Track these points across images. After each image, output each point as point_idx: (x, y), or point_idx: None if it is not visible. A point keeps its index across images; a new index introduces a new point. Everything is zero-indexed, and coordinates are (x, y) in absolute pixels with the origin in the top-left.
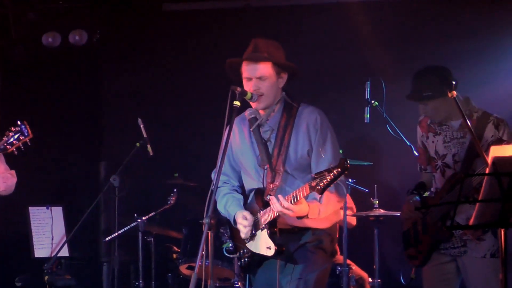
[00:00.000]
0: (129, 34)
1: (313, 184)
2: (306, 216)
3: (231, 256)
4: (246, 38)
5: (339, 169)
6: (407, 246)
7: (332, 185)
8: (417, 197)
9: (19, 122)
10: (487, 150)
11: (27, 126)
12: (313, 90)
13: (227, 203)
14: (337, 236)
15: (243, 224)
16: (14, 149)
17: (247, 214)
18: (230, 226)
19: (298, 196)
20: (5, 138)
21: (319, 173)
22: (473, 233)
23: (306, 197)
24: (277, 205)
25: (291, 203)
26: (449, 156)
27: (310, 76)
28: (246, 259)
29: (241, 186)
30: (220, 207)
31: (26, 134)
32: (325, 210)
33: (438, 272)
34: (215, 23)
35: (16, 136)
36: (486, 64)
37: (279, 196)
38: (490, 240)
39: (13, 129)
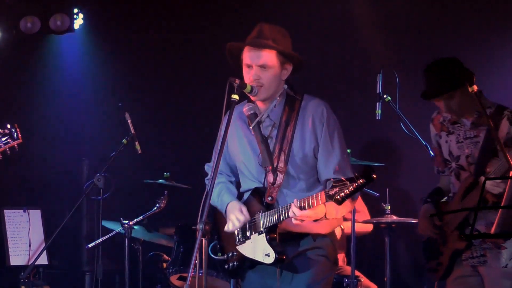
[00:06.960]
0: (115, 19)
1: (331, 193)
2: (324, 217)
3: (216, 257)
4: (248, 25)
5: (363, 180)
6: (428, 258)
7: None
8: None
9: (8, 126)
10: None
11: (18, 130)
12: (318, 82)
13: (221, 191)
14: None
15: (238, 217)
16: None
17: (244, 208)
18: (216, 224)
19: (311, 205)
20: None
21: (338, 181)
22: (494, 241)
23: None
24: (296, 209)
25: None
26: (463, 157)
27: (316, 66)
28: (234, 263)
29: (237, 182)
30: (213, 196)
31: (15, 138)
32: (342, 211)
33: (462, 285)
34: (213, 9)
35: (4, 139)
36: (504, 56)
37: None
38: (511, 247)
39: (0, 131)
